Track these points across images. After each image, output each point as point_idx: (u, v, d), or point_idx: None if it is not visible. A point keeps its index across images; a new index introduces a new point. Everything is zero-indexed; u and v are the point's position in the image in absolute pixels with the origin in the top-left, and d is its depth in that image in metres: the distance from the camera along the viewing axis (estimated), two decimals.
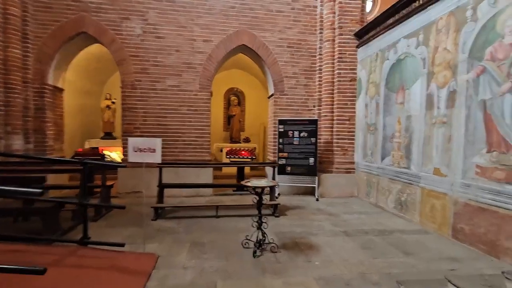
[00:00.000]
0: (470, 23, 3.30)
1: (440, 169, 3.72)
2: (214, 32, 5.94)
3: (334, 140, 6.07)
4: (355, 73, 6.02)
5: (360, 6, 5.98)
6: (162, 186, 4.59)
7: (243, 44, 6.07)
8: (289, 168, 5.96)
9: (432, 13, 3.91)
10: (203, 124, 6.02)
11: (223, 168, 8.49)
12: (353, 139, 6.08)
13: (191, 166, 5.56)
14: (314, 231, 3.79)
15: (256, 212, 3.23)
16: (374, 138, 5.34)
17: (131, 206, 4.52)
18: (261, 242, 3.09)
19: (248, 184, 3.18)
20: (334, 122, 6.09)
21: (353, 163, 6.08)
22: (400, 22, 4.58)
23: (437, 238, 3.56)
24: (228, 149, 8.91)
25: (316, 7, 6.28)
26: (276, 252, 3.07)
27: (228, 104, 10.26)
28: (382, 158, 5.05)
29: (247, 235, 3.26)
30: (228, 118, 10.18)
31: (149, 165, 3.36)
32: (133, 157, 3.18)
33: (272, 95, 6.49)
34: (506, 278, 1.87)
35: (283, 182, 5.94)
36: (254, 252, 2.98)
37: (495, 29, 3.02)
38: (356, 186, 5.95)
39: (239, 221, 4.18)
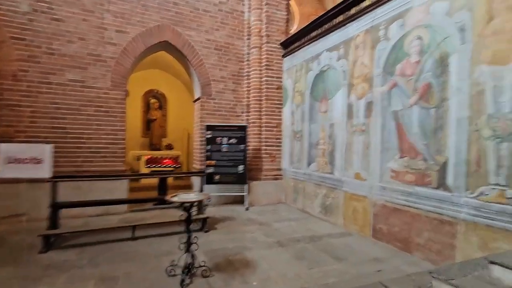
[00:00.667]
0: (383, 41, 3.68)
1: (360, 173, 4.00)
2: (131, 23, 5.15)
3: (263, 147, 6.03)
4: (281, 81, 6.16)
5: (285, 17, 6.18)
6: (56, 206, 3.56)
7: (166, 41, 5.47)
8: (217, 177, 5.60)
9: (351, 30, 4.24)
10: (117, 128, 5.10)
11: (141, 179, 7.48)
12: (280, 146, 6.17)
13: (100, 178, 4.57)
14: (248, 244, 3.53)
15: (182, 228, 2.76)
16: (301, 145, 5.50)
17: (7, 236, 3.37)
18: (190, 267, 2.63)
19: (175, 198, 2.69)
20: (263, 128, 6.06)
21: (280, 169, 6.16)
22: (323, 36, 4.86)
23: (360, 239, 3.78)
24: (148, 157, 7.94)
25: (243, 12, 6.20)
26: (208, 276, 2.66)
27: (147, 107, 9.22)
28: (308, 164, 5.23)
29: (173, 260, 2.75)
30: (148, 123, 9.14)
31: (35, 179, 2.49)
32: (7, 171, 2.29)
33: (198, 98, 6.05)
34: (433, 277, 1.99)
35: (211, 191, 5.53)
36: (182, 281, 2.50)
37: (403, 48, 3.41)
38: (284, 193, 6.03)
39: (162, 242, 3.58)
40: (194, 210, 2.80)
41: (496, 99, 2.50)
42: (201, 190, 4.59)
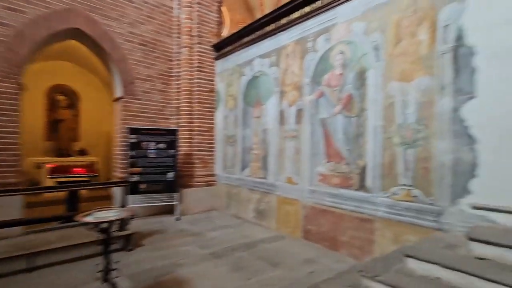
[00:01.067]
0: (311, 52, 3.91)
1: (292, 178, 4.15)
2: (29, 1, 4.20)
3: (194, 152, 5.73)
4: (214, 85, 5.99)
5: (217, 19, 6.04)
6: None
7: (78, 29, 4.66)
8: (143, 186, 5.04)
9: (282, 39, 4.39)
10: (7, 130, 4.06)
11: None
12: (213, 151, 5.97)
13: None
14: (181, 260, 3.23)
15: (99, 248, 2.32)
16: (234, 150, 5.43)
17: None
18: None
19: (89, 218, 2.24)
20: (194, 133, 5.76)
21: (213, 175, 5.96)
22: (255, 42, 4.91)
23: (292, 242, 3.90)
24: (52, 165, 6.65)
25: (172, 8, 5.80)
26: None
27: (52, 106, 7.75)
28: (242, 169, 5.19)
29: None
30: (54, 124, 7.69)
31: None
32: None
33: (120, 98, 5.36)
34: (362, 275, 2.14)
35: (137, 202, 4.95)
36: None
37: (329, 60, 3.68)
38: (217, 199, 5.84)
39: (72, 269, 2.97)
40: (114, 230, 2.39)
41: (403, 111, 2.89)
42: (124, 202, 4.05)
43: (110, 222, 2.29)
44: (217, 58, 5.94)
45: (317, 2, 3.79)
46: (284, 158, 4.30)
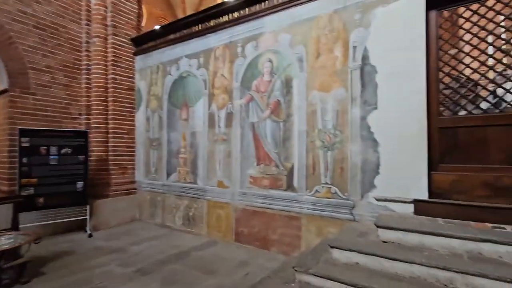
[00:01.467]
0: (241, 58, 3.98)
1: (223, 181, 4.14)
2: None
3: (111, 157, 5.08)
4: (134, 82, 5.44)
5: (136, 11, 5.51)
6: None
7: None
8: (41, 200, 4.17)
9: (211, 41, 4.33)
10: None
11: None
12: (133, 155, 5.42)
13: None
14: (100, 284, 2.80)
15: None
16: (158, 154, 5.05)
17: None
18: None
19: None
20: (110, 135, 5.10)
21: (134, 182, 5.40)
22: (182, 41, 4.69)
23: (225, 246, 3.89)
24: None
25: None
26: None
27: None
28: (168, 175, 4.87)
29: None
30: None
31: None
32: None
33: (3, 91, 4.28)
34: (296, 271, 2.30)
35: (33, 221, 4.05)
36: None
37: (258, 67, 3.83)
38: (138, 208, 5.33)
39: None
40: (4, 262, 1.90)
41: (323, 118, 3.25)
42: (15, 223, 3.27)
43: (1, 253, 1.80)
44: (136, 54, 5.42)
45: (245, 9, 3.89)
46: (214, 161, 4.25)
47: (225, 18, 4.13)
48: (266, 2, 3.72)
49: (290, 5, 3.53)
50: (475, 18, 2.63)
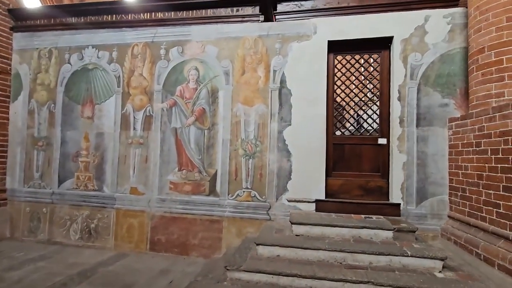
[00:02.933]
0: (164, 60, 3.88)
1: (137, 188, 3.88)
2: None
3: None
4: (9, 64, 4.31)
5: None
6: None
7: None
8: None
9: (128, 35, 4.00)
10: None
11: None
12: (4, 157, 4.26)
13: None
14: None
15: None
16: (46, 156, 4.19)
17: None
18: None
19: None
20: None
21: (4, 191, 4.25)
22: (89, 28, 4.11)
23: (138, 257, 3.66)
24: None
25: None
26: None
27: None
28: (61, 182, 4.11)
29: None
30: None
31: None
32: None
33: None
34: (227, 269, 2.52)
35: None
36: None
37: (183, 73, 3.83)
38: (10, 224, 4.23)
39: None
40: None
41: (246, 129, 3.62)
42: None
43: None
44: (15, 29, 4.33)
45: (171, 13, 3.84)
46: (127, 166, 3.92)
47: (147, 15, 3.93)
48: (194, 11, 3.80)
49: (218, 21, 3.75)
50: (348, 65, 3.60)
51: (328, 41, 3.46)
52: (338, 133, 3.59)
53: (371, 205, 3.30)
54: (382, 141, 3.42)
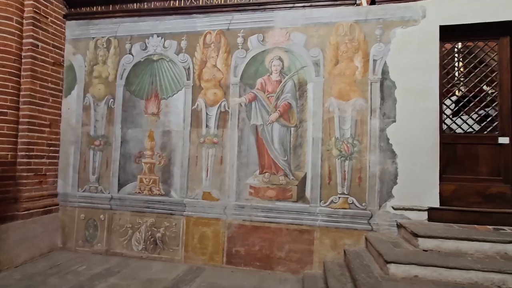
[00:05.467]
0: (242, 50, 3.46)
1: (211, 192, 3.44)
2: None
3: (22, 160, 3.42)
4: (63, 55, 3.92)
5: None
6: None
7: None
8: None
9: (199, 22, 3.59)
10: None
11: None
12: (56, 158, 3.85)
13: None
14: None
15: None
16: (104, 157, 3.76)
17: None
18: None
19: None
20: (22, 127, 3.44)
21: (56, 195, 3.83)
22: (154, 15, 3.71)
23: (216, 272, 3.20)
24: None
25: None
26: None
27: None
28: (121, 185, 3.69)
29: None
30: None
31: None
32: None
33: None
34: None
35: None
36: None
37: (264, 64, 3.41)
38: (62, 232, 3.80)
39: None
40: None
41: (341, 126, 3.18)
42: None
43: None
44: (69, 17, 3.94)
45: None
46: (199, 169, 3.49)
47: (221, 0, 3.52)
48: None
49: (305, 5, 3.33)
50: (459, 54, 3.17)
51: (439, 26, 3.03)
52: (448, 131, 3.15)
53: (498, 214, 2.84)
54: (503, 140, 2.98)
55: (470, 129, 3.13)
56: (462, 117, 3.17)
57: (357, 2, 3.20)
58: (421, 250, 2.51)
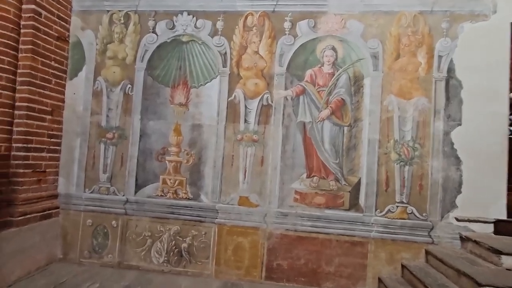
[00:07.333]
0: (289, 36, 3.04)
1: (249, 197, 3.00)
2: None
3: (16, 153, 2.78)
4: (68, 29, 3.28)
5: None
6: None
7: None
8: None
9: (239, 2, 3.11)
10: None
11: None
12: (57, 152, 3.21)
13: None
14: None
15: None
16: (119, 153, 3.19)
17: None
18: None
19: None
20: (19, 113, 2.80)
21: (56, 196, 3.20)
22: None
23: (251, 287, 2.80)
24: None
25: None
26: None
27: None
28: (139, 186, 3.14)
29: None
30: None
31: None
32: None
33: None
34: None
35: None
36: None
37: (314, 53, 3.02)
38: (62, 240, 3.18)
39: None
40: None
41: (401, 127, 2.87)
42: None
43: None
44: None
45: None
46: (235, 170, 3.03)
47: None
48: None
49: None
50: None
51: (511, 23, 2.80)
52: None
53: None
54: None
55: None
56: None
57: None
58: (504, 269, 2.25)
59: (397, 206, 2.83)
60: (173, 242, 3.05)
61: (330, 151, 2.94)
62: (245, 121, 3.05)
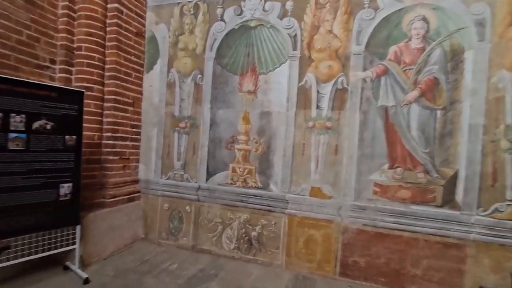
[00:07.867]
0: (369, 9, 2.70)
1: (321, 188, 2.82)
2: None
3: (106, 141, 3.08)
4: (144, 24, 3.46)
5: None
6: None
7: None
8: None
9: None
10: None
11: None
12: (138, 141, 3.48)
13: None
14: None
15: None
16: (191, 141, 3.30)
17: None
18: None
19: None
20: (107, 105, 3.07)
21: (137, 182, 3.48)
22: None
23: (328, 286, 2.64)
24: None
25: None
26: None
27: None
28: (210, 174, 3.22)
29: None
30: None
31: None
32: None
33: None
34: None
35: None
36: None
37: (400, 26, 2.63)
38: (144, 222, 3.46)
39: None
40: None
41: None
42: None
43: None
44: None
45: None
46: (306, 159, 2.87)
47: None
48: None
49: None
50: None
51: None
52: None
53: None
54: None
55: None
56: None
57: None
58: None
59: (508, 205, 2.34)
60: (243, 230, 3.06)
61: (419, 138, 2.56)
62: (317, 107, 2.84)
